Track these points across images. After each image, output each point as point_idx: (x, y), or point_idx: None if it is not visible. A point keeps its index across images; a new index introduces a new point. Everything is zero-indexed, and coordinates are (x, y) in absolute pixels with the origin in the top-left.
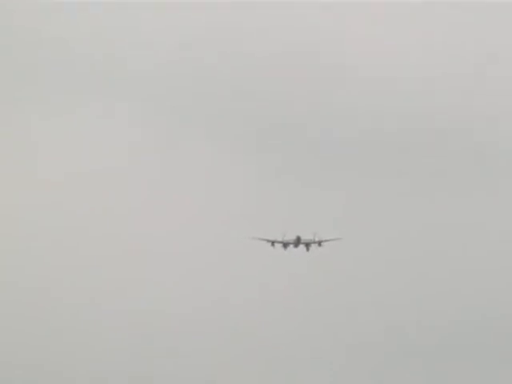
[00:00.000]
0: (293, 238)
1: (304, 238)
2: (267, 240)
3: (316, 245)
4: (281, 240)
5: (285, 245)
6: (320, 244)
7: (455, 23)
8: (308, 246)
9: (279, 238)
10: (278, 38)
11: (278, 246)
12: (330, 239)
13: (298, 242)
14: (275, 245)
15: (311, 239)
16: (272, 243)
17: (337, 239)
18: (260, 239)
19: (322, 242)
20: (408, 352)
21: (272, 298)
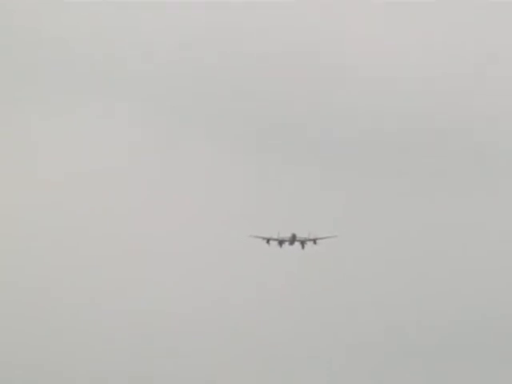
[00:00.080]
0: (288, 236)
1: (299, 236)
2: (263, 238)
3: (311, 242)
4: (276, 238)
5: (280, 242)
6: (315, 242)
7: (455, 23)
8: (303, 244)
9: (275, 236)
10: (278, 38)
11: (274, 244)
12: (325, 237)
13: (294, 240)
14: (270, 242)
15: (306, 237)
16: (267, 241)
17: (332, 237)
18: (255, 237)
19: (317, 240)
20: (405, 351)
21: (267, 295)
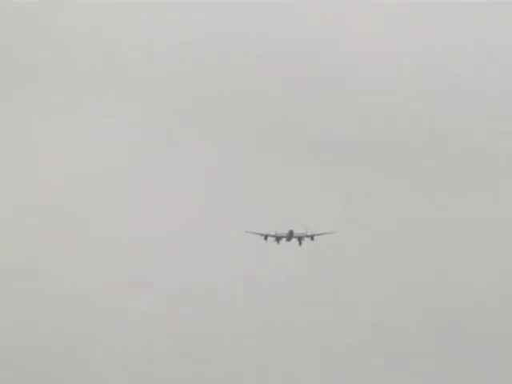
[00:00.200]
0: (285, 232)
1: (296, 232)
2: (260, 234)
3: (308, 239)
4: (274, 234)
5: (277, 239)
6: (312, 238)
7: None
8: (300, 240)
9: (272, 232)
10: (278, 38)
11: (271, 240)
12: (322, 233)
13: (291, 236)
14: (268, 239)
15: (303, 233)
16: (265, 237)
17: (329, 233)
18: (253, 233)
19: (314, 236)
20: (403, 347)
21: (265, 291)
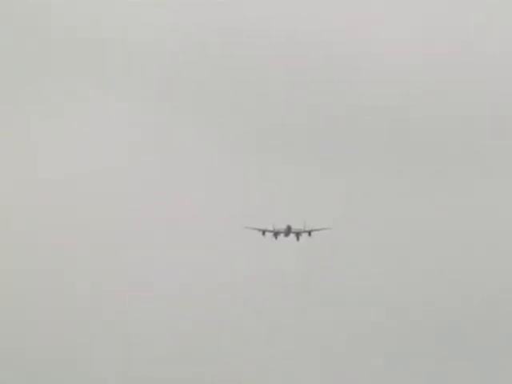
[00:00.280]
0: (283, 228)
1: (294, 228)
2: (258, 229)
3: (306, 234)
4: (271, 229)
5: (275, 234)
6: (310, 233)
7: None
8: (298, 236)
9: (270, 228)
10: (279, 39)
11: (269, 236)
12: (320, 228)
13: (289, 232)
14: (266, 234)
15: (301, 228)
16: (263, 232)
17: (326, 229)
18: (251, 228)
19: (312, 232)
20: (401, 341)
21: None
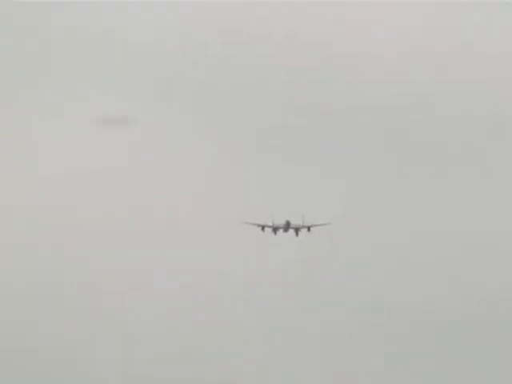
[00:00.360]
0: (282, 223)
1: (293, 223)
2: (257, 224)
3: (305, 229)
4: (271, 225)
5: (275, 229)
6: (309, 229)
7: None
8: (297, 231)
9: (269, 223)
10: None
11: (268, 231)
12: (319, 224)
13: (288, 227)
14: (265, 229)
15: (300, 224)
16: (262, 228)
17: (325, 224)
18: (251, 224)
19: (311, 227)
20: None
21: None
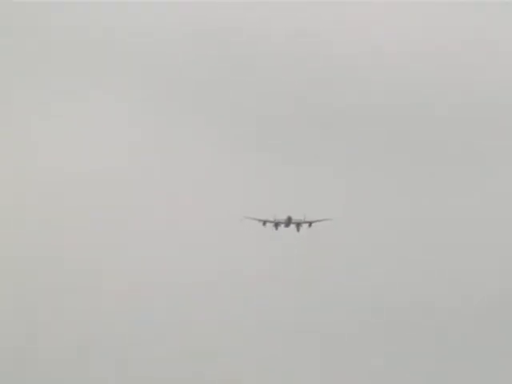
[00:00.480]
0: (284, 218)
1: (295, 219)
2: (259, 220)
3: (306, 225)
4: (272, 220)
5: (276, 224)
6: (310, 224)
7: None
8: (298, 226)
9: (271, 218)
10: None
11: (270, 226)
12: (320, 219)
13: (289, 222)
14: (267, 224)
15: (301, 219)
16: (264, 223)
17: (326, 220)
18: (252, 219)
19: (313, 223)
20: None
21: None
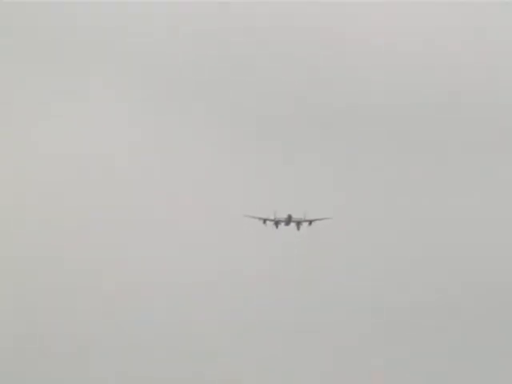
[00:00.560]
0: (284, 217)
1: (295, 217)
2: (259, 218)
3: (306, 223)
4: (272, 218)
5: (276, 223)
6: (310, 223)
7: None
8: (298, 225)
9: (271, 217)
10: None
11: (270, 224)
12: (320, 218)
13: (289, 221)
14: (267, 223)
15: (302, 218)
16: (264, 221)
17: (326, 218)
18: (252, 217)
19: (312, 221)
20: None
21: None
